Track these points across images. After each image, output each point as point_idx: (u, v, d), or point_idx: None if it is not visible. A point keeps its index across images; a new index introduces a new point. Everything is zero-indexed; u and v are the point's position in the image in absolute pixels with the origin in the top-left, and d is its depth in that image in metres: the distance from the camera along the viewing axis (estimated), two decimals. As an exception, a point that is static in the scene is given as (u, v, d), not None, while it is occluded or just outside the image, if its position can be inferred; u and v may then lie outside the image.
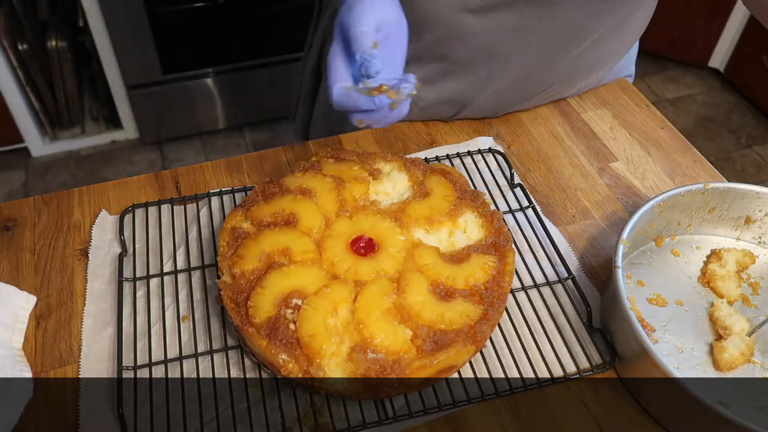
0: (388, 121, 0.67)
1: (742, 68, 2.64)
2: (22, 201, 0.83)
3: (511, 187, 0.86)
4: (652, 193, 0.88)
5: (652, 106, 1.01)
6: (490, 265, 0.69)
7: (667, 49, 2.81)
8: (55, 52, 2.19)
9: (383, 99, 0.63)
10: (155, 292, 0.73)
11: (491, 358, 0.68)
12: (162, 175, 0.87)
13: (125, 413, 0.62)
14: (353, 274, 0.67)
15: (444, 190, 0.76)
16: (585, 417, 0.65)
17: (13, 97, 2.17)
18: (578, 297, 0.73)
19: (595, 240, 0.82)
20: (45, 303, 0.73)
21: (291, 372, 0.61)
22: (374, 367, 0.60)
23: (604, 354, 0.69)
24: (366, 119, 0.66)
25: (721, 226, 0.80)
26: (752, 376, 0.67)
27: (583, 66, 0.94)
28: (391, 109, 0.65)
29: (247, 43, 2.21)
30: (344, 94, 0.64)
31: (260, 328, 0.62)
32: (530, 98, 0.96)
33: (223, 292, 0.66)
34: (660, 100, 2.70)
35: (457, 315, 0.64)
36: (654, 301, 0.73)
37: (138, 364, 0.67)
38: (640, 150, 0.94)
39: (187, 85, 2.26)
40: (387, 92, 0.63)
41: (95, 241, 0.78)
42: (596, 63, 0.95)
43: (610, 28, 0.88)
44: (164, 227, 0.80)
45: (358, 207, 0.74)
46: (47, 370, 0.67)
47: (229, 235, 0.71)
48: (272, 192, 0.74)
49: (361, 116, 0.66)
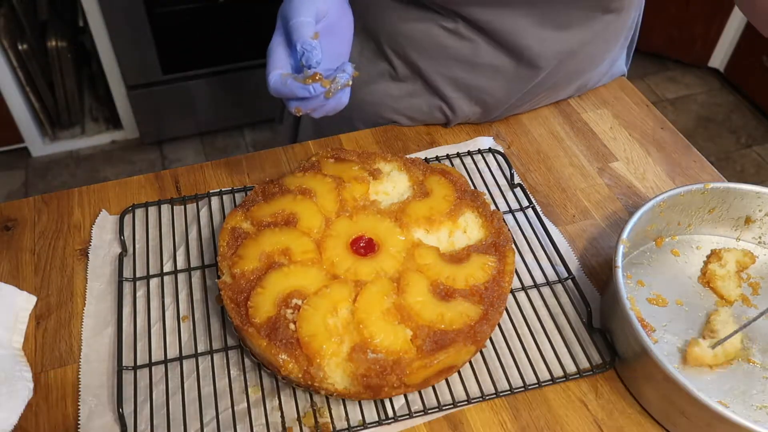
0: (326, 110, 0.68)
1: (742, 68, 2.64)
2: (22, 201, 0.83)
3: (511, 187, 0.86)
4: (652, 193, 0.88)
5: (652, 106, 1.01)
6: (490, 265, 0.69)
7: (667, 49, 2.81)
8: (55, 52, 2.19)
9: (317, 87, 0.64)
10: (155, 292, 0.73)
11: (491, 358, 0.68)
12: (162, 175, 0.87)
13: (125, 413, 0.62)
14: (353, 274, 0.67)
15: (444, 190, 0.76)
16: (585, 417, 0.65)
17: (13, 97, 2.17)
18: (578, 297, 0.73)
19: (595, 240, 0.82)
20: (45, 303, 0.73)
21: (291, 372, 0.61)
22: (374, 367, 0.60)
23: (604, 354, 0.69)
24: (303, 107, 0.66)
25: (721, 226, 0.80)
26: (752, 376, 0.67)
27: (567, 72, 0.93)
28: (326, 98, 0.65)
29: (247, 43, 2.21)
30: (280, 81, 0.65)
31: (260, 328, 0.62)
32: (519, 106, 0.97)
33: (223, 292, 0.66)
34: (660, 100, 2.70)
35: (457, 315, 0.64)
36: (654, 301, 0.73)
37: (138, 364, 0.67)
38: (640, 150, 0.94)
39: (187, 85, 2.26)
40: (321, 81, 0.64)
41: (95, 241, 0.78)
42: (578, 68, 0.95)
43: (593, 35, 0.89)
44: (164, 227, 0.80)
45: (358, 207, 0.74)
46: (47, 370, 0.67)
47: (229, 235, 0.71)
48: (272, 192, 0.74)
49: (297, 104, 0.66)
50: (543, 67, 0.88)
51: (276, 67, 0.66)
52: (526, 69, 0.88)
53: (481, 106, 0.94)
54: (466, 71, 0.89)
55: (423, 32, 0.87)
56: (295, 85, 0.64)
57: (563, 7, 0.83)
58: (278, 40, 0.67)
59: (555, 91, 0.97)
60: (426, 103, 0.94)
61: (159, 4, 2.01)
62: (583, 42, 0.88)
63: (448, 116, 0.95)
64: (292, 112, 0.67)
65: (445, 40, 0.86)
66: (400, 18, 0.87)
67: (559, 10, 0.83)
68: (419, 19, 0.86)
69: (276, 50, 0.67)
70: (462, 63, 0.89)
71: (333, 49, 0.68)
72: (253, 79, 2.32)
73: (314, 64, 0.64)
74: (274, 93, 0.66)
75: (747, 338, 0.71)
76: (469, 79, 0.90)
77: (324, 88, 0.64)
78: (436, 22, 0.86)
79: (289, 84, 0.64)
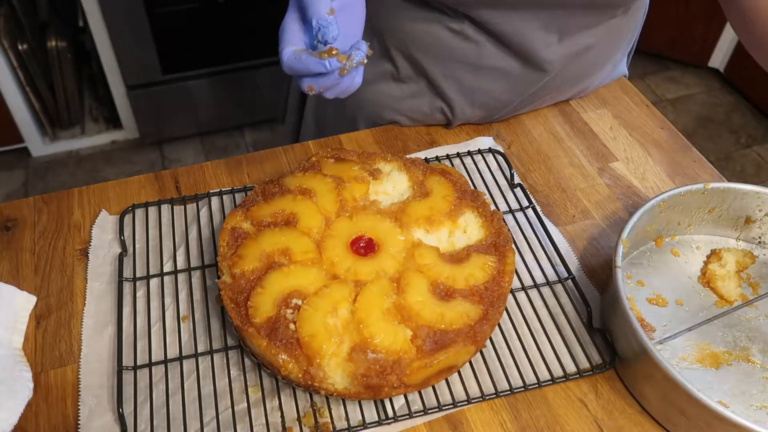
0: (340, 89, 0.66)
1: (742, 68, 2.64)
2: (22, 201, 0.83)
3: (511, 187, 0.86)
4: (652, 193, 0.88)
5: (652, 106, 1.01)
6: (490, 265, 0.69)
7: (667, 49, 2.81)
8: (55, 52, 2.19)
9: (333, 62, 0.62)
10: (155, 292, 0.73)
11: (491, 358, 0.68)
12: (162, 175, 0.87)
13: (125, 413, 0.62)
14: (353, 274, 0.67)
15: (444, 190, 0.76)
16: (585, 417, 0.65)
17: (13, 97, 2.17)
18: (578, 297, 0.73)
19: (595, 240, 0.82)
20: (45, 303, 0.73)
21: (291, 372, 0.61)
22: (374, 367, 0.60)
23: (604, 354, 0.69)
24: (316, 85, 0.65)
25: (721, 226, 0.80)
26: (752, 376, 0.67)
27: (571, 75, 0.94)
28: (341, 75, 0.64)
29: (247, 43, 2.21)
30: (295, 57, 0.63)
31: (260, 328, 0.62)
32: (521, 108, 0.96)
33: (223, 292, 0.66)
34: (660, 100, 2.70)
35: (457, 315, 0.64)
36: (654, 301, 0.73)
37: (138, 364, 0.67)
38: (640, 150, 0.94)
39: (187, 85, 2.26)
40: (337, 56, 0.62)
41: (95, 241, 0.78)
42: (583, 72, 0.95)
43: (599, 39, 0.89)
44: (164, 227, 0.80)
45: (358, 207, 0.74)
46: (47, 370, 0.67)
47: (229, 235, 0.71)
48: (272, 192, 0.74)
49: (311, 81, 0.64)
50: (548, 71, 0.88)
51: (290, 44, 0.64)
52: (531, 72, 0.88)
53: (484, 109, 0.93)
54: (470, 73, 0.89)
55: (429, 33, 0.87)
56: (311, 60, 0.62)
57: (571, 11, 0.83)
58: (292, 16, 0.65)
59: (558, 94, 0.97)
60: (428, 105, 0.94)
61: (159, 4, 2.01)
62: (588, 46, 0.88)
63: (449, 118, 0.95)
64: (304, 90, 0.65)
65: (451, 41, 0.86)
66: (407, 18, 0.87)
67: (567, 14, 0.83)
68: (426, 19, 0.86)
69: (290, 26, 0.64)
70: (467, 65, 0.88)
71: (347, 29, 0.66)
72: (253, 79, 2.32)
73: (330, 40, 0.62)
74: (288, 69, 0.64)
75: (747, 338, 0.71)
76: (473, 81, 0.90)
77: (340, 63, 0.62)
78: (443, 23, 0.85)
79: (304, 59, 0.62)
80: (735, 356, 0.69)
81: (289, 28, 0.64)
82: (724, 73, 2.74)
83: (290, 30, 0.64)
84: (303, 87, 0.65)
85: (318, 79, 0.64)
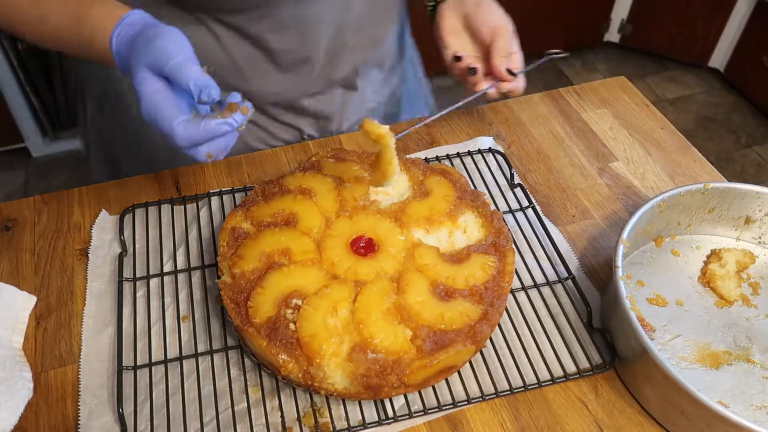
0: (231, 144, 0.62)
1: (742, 68, 2.64)
2: (22, 201, 0.84)
3: (511, 187, 0.86)
4: (652, 193, 0.88)
5: (652, 106, 1.01)
6: (490, 265, 0.69)
7: (667, 49, 2.81)
8: (55, 52, 2.19)
9: (238, 116, 0.59)
10: (155, 292, 0.73)
11: (491, 358, 0.68)
12: (162, 175, 0.87)
13: (125, 413, 0.62)
14: (353, 274, 0.67)
15: (444, 190, 0.76)
16: (585, 417, 0.65)
17: (13, 97, 2.17)
18: (578, 297, 0.73)
19: (595, 240, 0.82)
20: (45, 303, 0.73)
21: (291, 372, 0.61)
22: (374, 367, 0.60)
23: (604, 354, 0.69)
24: (215, 149, 0.60)
25: (721, 226, 0.80)
26: (752, 376, 0.67)
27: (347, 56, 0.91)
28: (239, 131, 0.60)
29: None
30: (191, 126, 0.58)
31: (260, 328, 0.62)
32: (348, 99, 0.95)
33: (223, 292, 0.66)
34: (660, 100, 2.70)
35: (457, 315, 0.64)
36: (654, 301, 0.73)
37: (138, 364, 0.67)
38: (640, 150, 0.94)
39: (187, 85, 2.26)
40: (240, 109, 0.59)
41: (95, 241, 0.78)
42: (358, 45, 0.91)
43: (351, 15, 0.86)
44: (164, 227, 0.80)
45: (358, 207, 0.74)
46: (47, 370, 0.67)
47: (229, 235, 0.71)
48: (272, 192, 0.74)
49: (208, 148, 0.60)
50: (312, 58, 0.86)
51: (174, 117, 0.58)
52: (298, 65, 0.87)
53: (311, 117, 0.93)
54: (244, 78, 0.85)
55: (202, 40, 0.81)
56: (212, 123, 0.58)
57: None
58: (155, 89, 0.59)
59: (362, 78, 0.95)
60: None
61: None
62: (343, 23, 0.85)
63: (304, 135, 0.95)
64: (202, 159, 0.60)
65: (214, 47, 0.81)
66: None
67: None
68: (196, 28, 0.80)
69: (161, 101, 0.59)
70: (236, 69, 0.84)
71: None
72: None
73: (217, 96, 0.58)
74: (188, 142, 0.59)
75: (747, 338, 0.71)
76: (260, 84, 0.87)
77: (245, 116, 0.59)
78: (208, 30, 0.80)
79: (204, 125, 0.58)
80: (735, 356, 0.69)
81: (162, 102, 0.59)
82: (724, 73, 2.74)
83: (165, 104, 0.59)
84: (200, 157, 0.61)
85: (217, 141, 0.60)
